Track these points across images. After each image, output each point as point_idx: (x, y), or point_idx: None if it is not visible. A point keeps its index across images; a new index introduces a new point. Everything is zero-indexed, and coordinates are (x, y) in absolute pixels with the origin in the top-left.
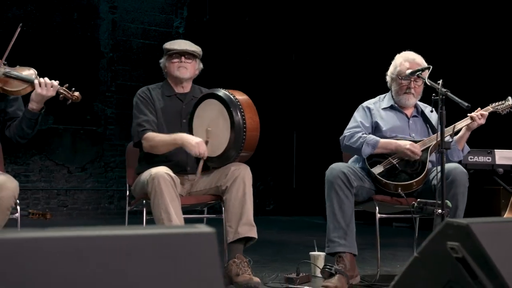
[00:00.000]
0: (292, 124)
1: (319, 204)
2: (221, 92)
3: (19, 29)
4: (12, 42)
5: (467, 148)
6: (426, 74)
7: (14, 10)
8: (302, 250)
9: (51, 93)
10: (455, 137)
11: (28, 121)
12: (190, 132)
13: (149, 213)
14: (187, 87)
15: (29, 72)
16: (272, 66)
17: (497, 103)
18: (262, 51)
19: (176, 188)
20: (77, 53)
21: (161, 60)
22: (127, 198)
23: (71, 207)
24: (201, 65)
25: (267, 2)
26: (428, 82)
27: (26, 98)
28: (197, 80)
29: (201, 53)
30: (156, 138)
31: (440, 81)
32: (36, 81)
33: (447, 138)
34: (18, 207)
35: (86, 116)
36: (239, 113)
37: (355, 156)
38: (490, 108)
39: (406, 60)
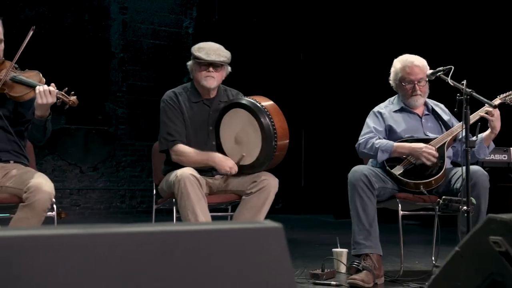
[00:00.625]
0: (301, 123)
1: (328, 202)
2: (245, 100)
3: (31, 32)
4: (24, 45)
5: (492, 145)
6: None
7: (26, 11)
8: (319, 247)
9: (51, 100)
10: (483, 135)
11: (37, 127)
12: (218, 140)
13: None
14: (213, 93)
15: (34, 76)
16: (280, 65)
17: (504, 94)
18: (270, 50)
19: (201, 188)
20: (88, 53)
21: (189, 63)
22: (154, 197)
23: (83, 206)
24: (229, 69)
25: (275, 3)
26: (451, 82)
27: None
28: (222, 82)
29: (229, 60)
30: (185, 154)
31: (464, 82)
32: (37, 90)
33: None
34: (54, 206)
35: (97, 116)
36: (267, 119)
37: None
38: (498, 99)
39: (405, 65)
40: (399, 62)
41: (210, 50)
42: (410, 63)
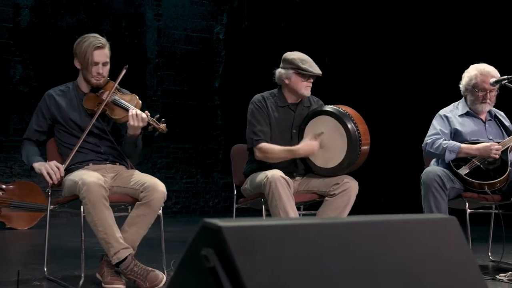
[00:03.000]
0: None
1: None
2: (330, 108)
3: (124, 71)
4: (121, 76)
5: None
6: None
7: (67, 18)
8: None
9: (142, 124)
10: None
11: (129, 145)
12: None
13: (255, 210)
14: (298, 99)
15: (132, 100)
16: None
17: None
18: None
19: (290, 188)
20: (125, 59)
21: (282, 71)
22: (235, 196)
23: None
24: None
25: (301, 9)
26: None
27: None
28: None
29: None
30: (270, 151)
31: None
32: (129, 113)
33: None
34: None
35: None
36: (353, 125)
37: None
38: None
39: (481, 74)
40: (475, 70)
41: (312, 62)
42: (487, 73)
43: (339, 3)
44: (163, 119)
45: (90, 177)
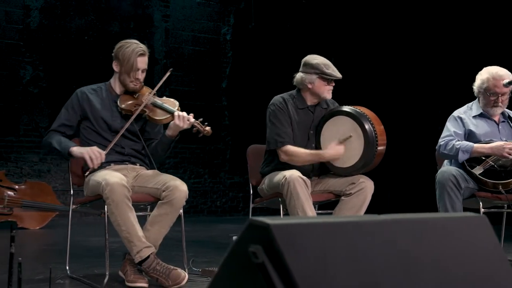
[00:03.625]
0: None
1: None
2: (348, 108)
3: (169, 73)
4: (163, 80)
5: None
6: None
7: (76, 20)
8: None
9: (187, 125)
10: None
11: (164, 145)
12: (318, 144)
13: (270, 209)
14: (317, 101)
15: (173, 104)
16: None
17: None
18: (303, 55)
19: (308, 188)
20: None
21: (304, 75)
22: (251, 196)
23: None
24: None
25: (307, 9)
26: None
27: None
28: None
29: None
30: (296, 154)
31: None
32: (175, 113)
33: None
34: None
35: None
36: (370, 125)
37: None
38: None
39: (494, 78)
40: (487, 73)
41: (334, 67)
42: (499, 77)
43: (345, 4)
44: (206, 123)
45: (113, 177)
